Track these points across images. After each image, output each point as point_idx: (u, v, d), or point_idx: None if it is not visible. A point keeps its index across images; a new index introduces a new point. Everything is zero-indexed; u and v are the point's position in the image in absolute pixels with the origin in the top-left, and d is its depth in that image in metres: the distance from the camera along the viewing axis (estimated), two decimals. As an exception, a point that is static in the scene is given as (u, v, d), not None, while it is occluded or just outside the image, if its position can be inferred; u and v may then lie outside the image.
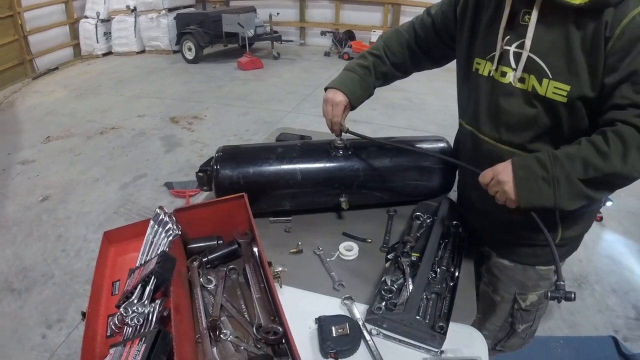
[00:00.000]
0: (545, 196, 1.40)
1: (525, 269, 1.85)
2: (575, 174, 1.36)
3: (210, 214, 1.72)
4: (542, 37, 1.44)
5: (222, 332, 1.36)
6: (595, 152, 1.34)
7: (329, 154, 1.96)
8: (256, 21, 10.65)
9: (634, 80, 1.31)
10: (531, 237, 1.76)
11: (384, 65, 1.97)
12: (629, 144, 1.30)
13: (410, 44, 1.95)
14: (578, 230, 1.78)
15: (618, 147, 1.31)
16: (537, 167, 1.41)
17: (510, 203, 1.47)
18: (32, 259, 4.01)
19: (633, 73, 1.30)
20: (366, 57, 1.98)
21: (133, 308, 1.26)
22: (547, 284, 1.88)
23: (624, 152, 1.30)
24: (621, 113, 1.34)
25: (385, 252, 1.84)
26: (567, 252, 1.88)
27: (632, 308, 3.60)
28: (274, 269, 1.60)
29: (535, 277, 1.86)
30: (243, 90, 8.71)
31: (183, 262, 1.60)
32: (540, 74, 1.47)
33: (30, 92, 8.66)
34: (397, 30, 2.00)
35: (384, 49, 1.96)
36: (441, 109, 7.60)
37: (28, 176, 5.32)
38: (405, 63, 2.00)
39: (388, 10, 11.87)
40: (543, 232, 1.47)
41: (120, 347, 1.17)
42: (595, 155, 1.34)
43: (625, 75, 1.32)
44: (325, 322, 1.43)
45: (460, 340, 1.45)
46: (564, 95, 1.44)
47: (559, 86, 1.44)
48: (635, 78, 1.30)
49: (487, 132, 1.69)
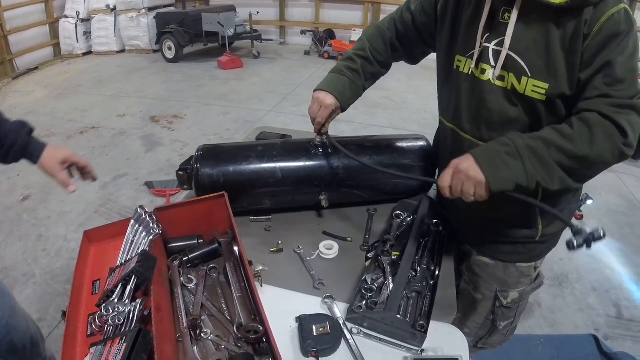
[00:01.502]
0: (514, 169, 1.38)
1: (506, 267, 1.87)
2: (539, 150, 1.37)
3: (191, 213, 1.72)
4: (522, 35, 1.45)
5: (202, 331, 1.36)
6: (559, 135, 1.38)
7: (309, 152, 1.97)
8: (236, 20, 10.61)
9: (606, 73, 1.35)
10: (512, 234, 1.78)
11: (371, 66, 1.96)
12: (594, 128, 1.34)
13: (392, 42, 1.95)
14: (558, 226, 1.79)
15: (583, 131, 1.35)
16: (498, 145, 1.42)
17: (481, 191, 1.41)
18: (12, 258, 3.97)
19: (605, 65, 1.34)
20: (354, 59, 1.95)
21: (114, 307, 1.26)
22: (527, 280, 1.91)
23: (589, 135, 1.34)
24: (588, 102, 1.38)
25: (365, 251, 1.85)
26: (546, 248, 1.88)
27: (613, 306, 3.64)
28: (255, 268, 1.60)
29: (516, 275, 1.88)
30: (223, 89, 8.67)
31: (164, 261, 1.60)
32: (519, 72, 1.49)
33: (10, 92, 8.54)
34: (379, 28, 1.98)
35: (370, 50, 1.95)
36: (422, 107, 7.65)
37: (8, 176, 5.25)
38: (389, 60, 2.00)
39: (368, 9, 11.90)
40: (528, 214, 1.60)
41: (101, 346, 1.17)
42: (559, 137, 1.37)
43: (597, 69, 1.36)
44: (306, 321, 1.44)
45: (441, 338, 1.47)
46: (543, 94, 1.46)
47: (538, 84, 1.46)
48: (607, 70, 1.35)
49: (468, 130, 1.69)
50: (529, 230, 1.75)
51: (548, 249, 1.90)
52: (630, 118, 1.35)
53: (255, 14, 11.47)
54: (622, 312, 3.60)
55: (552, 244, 1.90)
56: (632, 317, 3.56)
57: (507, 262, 1.87)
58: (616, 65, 1.34)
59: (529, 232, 1.76)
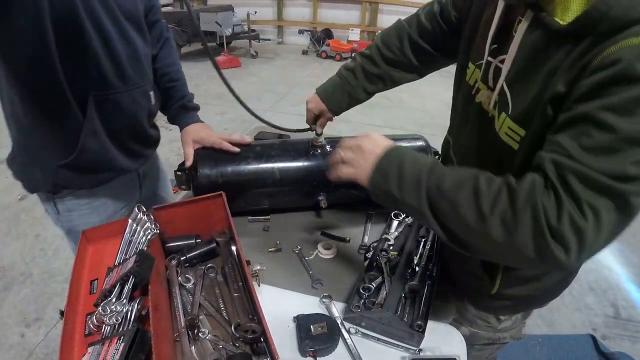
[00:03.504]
0: (398, 194, 1.17)
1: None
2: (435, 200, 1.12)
3: (189, 212, 1.72)
4: (520, 61, 1.17)
5: (200, 331, 1.36)
6: (473, 188, 1.06)
7: (308, 153, 1.96)
8: (234, 20, 10.66)
9: (587, 129, 0.93)
10: (466, 273, 1.61)
11: (374, 66, 1.79)
12: (522, 206, 0.97)
13: (412, 38, 1.73)
14: (524, 291, 1.50)
15: (503, 202, 1.01)
16: (409, 164, 1.19)
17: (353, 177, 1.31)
18: (10, 258, 3.98)
19: (589, 116, 0.93)
20: (355, 58, 1.85)
21: (111, 307, 1.26)
22: (482, 324, 1.73)
23: (510, 214, 0.99)
24: (544, 157, 1.00)
25: (363, 250, 1.85)
26: (510, 309, 1.66)
27: (611, 306, 3.65)
28: (252, 268, 1.60)
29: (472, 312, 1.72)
30: (221, 89, 8.55)
31: (161, 260, 1.60)
32: (502, 105, 1.22)
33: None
34: (399, 23, 1.78)
35: (377, 47, 1.78)
36: (418, 107, 7.68)
37: (6, 175, 5.21)
38: (409, 60, 1.76)
39: (366, 8, 11.96)
40: None
41: (99, 345, 1.17)
42: (470, 193, 1.06)
43: (576, 116, 0.96)
44: (304, 321, 1.44)
45: (439, 338, 1.46)
46: (517, 141, 1.17)
47: (514, 128, 1.17)
48: (593, 125, 0.92)
49: (453, 147, 1.58)
50: (481, 280, 1.51)
51: (513, 310, 1.67)
52: (598, 207, 0.91)
53: (253, 14, 11.48)
54: (620, 312, 3.61)
55: (520, 309, 1.68)
56: (629, 317, 3.58)
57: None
58: (608, 124, 0.89)
59: (480, 282, 1.52)
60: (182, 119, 2.07)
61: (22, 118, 1.59)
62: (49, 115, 1.58)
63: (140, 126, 1.88)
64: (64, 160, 1.66)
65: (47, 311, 3.41)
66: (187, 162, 1.91)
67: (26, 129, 1.63)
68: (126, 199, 2.04)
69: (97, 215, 1.92)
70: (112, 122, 1.70)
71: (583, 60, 0.96)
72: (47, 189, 1.78)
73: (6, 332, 3.23)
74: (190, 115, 2.09)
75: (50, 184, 1.74)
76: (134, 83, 1.73)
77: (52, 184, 1.74)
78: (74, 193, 1.82)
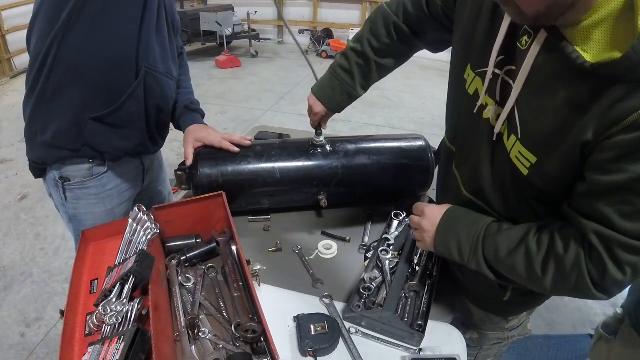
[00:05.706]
0: (458, 253, 1.34)
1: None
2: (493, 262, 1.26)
3: (189, 212, 1.72)
4: (530, 80, 1.09)
5: (200, 331, 1.36)
6: (527, 257, 1.17)
7: (308, 152, 1.96)
8: (234, 20, 10.62)
9: (628, 196, 0.95)
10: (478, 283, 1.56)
11: (368, 62, 1.75)
12: (571, 267, 1.08)
13: (398, 26, 1.67)
14: (533, 294, 1.48)
15: (556, 262, 1.11)
16: (465, 224, 1.35)
17: (425, 246, 1.49)
18: (10, 257, 3.97)
19: (633, 182, 0.93)
20: (348, 56, 1.77)
21: (112, 306, 1.26)
22: (491, 326, 1.74)
23: (560, 273, 1.11)
24: (585, 223, 1.05)
25: (364, 250, 1.85)
26: (520, 308, 1.67)
27: (611, 306, 3.64)
28: (253, 268, 1.60)
29: (482, 316, 1.72)
30: (221, 88, 8.67)
31: (162, 260, 1.60)
32: (511, 126, 1.17)
33: (8, 91, 8.51)
34: (383, 11, 1.71)
35: (368, 41, 1.72)
36: (418, 106, 7.64)
37: (6, 175, 5.25)
38: (394, 47, 1.73)
39: (366, 8, 11.92)
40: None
41: (99, 345, 1.17)
42: (525, 260, 1.17)
43: (616, 184, 0.95)
44: (304, 321, 1.44)
45: (439, 338, 1.46)
46: (526, 167, 1.14)
47: (524, 153, 1.13)
48: (632, 193, 0.94)
49: (457, 163, 1.53)
50: (493, 289, 1.50)
51: (521, 311, 1.68)
52: (636, 263, 1.00)
53: (253, 14, 11.46)
54: (620, 312, 3.60)
55: (526, 308, 1.69)
56: (629, 317, 3.57)
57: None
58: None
59: (492, 290, 1.50)
60: (185, 119, 2.10)
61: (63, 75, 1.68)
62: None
63: (165, 112, 2.04)
64: (100, 112, 1.76)
65: (47, 311, 3.40)
66: (188, 161, 1.94)
67: (65, 84, 1.69)
68: (130, 191, 2.12)
69: (102, 206, 2.00)
70: (149, 95, 1.85)
71: (616, 111, 0.90)
72: (71, 151, 1.82)
73: (6, 332, 3.22)
74: (193, 116, 2.12)
75: (73, 138, 1.78)
76: (168, 71, 1.94)
77: (76, 138, 1.78)
78: (84, 184, 1.90)
